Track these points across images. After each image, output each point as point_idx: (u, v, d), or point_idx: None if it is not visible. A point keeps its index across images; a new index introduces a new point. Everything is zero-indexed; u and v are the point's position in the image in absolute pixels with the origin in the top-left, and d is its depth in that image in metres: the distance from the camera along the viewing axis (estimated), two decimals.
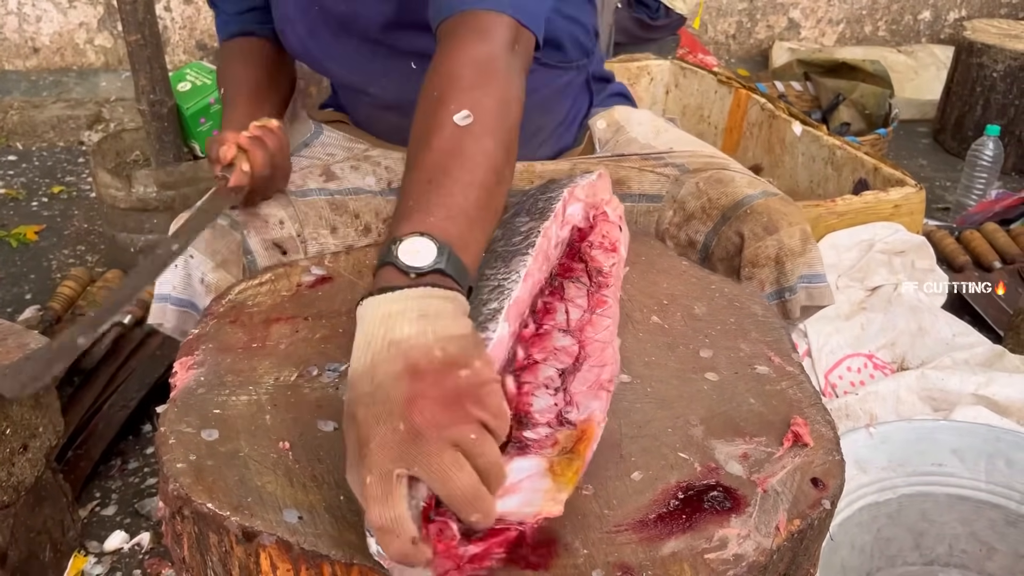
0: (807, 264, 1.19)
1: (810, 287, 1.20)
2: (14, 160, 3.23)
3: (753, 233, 1.18)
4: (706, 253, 1.23)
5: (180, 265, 1.16)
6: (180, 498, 0.77)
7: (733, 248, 1.21)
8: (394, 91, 1.27)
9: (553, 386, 0.83)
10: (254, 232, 1.19)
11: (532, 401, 0.81)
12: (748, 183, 1.25)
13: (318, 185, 1.28)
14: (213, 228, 1.16)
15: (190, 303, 1.17)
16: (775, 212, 1.19)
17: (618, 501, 0.78)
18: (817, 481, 0.81)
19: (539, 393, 0.82)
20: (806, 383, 0.96)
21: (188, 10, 3.84)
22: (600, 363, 0.87)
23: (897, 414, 1.55)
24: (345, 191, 1.30)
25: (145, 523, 1.59)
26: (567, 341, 0.89)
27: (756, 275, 1.20)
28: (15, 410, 1.27)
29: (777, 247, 1.18)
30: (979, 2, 4.53)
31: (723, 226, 1.21)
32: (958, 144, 3.53)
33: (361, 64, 1.26)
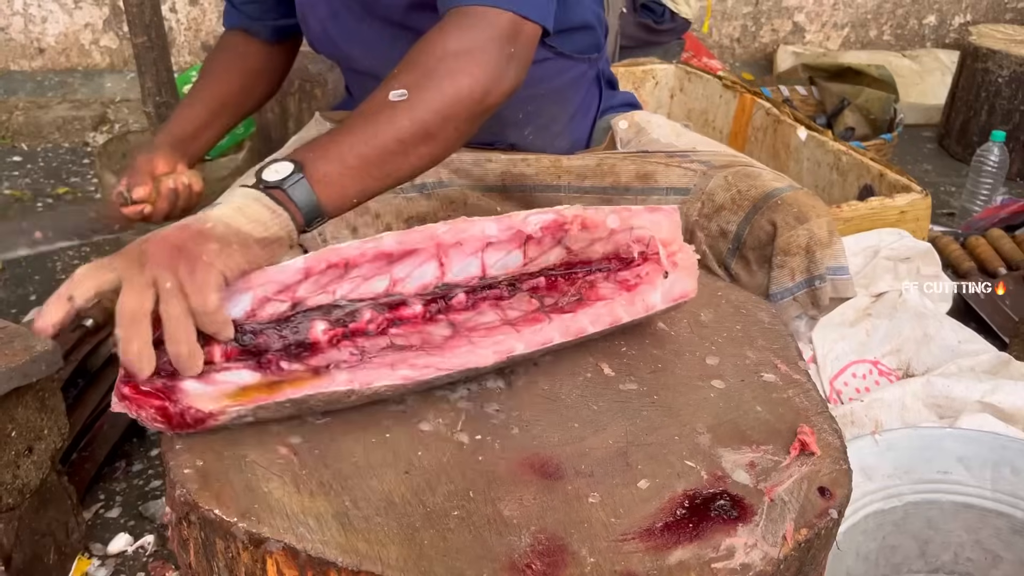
0: (833, 256, 1.23)
1: (835, 279, 1.24)
2: (19, 161, 3.24)
3: (785, 222, 1.21)
4: (738, 243, 1.26)
5: None
6: (187, 503, 0.77)
7: (766, 237, 1.24)
8: (376, 63, 1.27)
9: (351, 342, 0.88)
10: None
11: (313, 334, 0.87)
12: (774, 177, 1.29)
13: None
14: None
15: None
16: (804, 204, 1.23)
17: (625, 509, 0.78)
18: (824, 490, 0.81)
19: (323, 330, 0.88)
20: (813, 391, 0.96)
21: (193, 11, 3.85)
22: (426, 356, 0.88)
23: (902, 421, 1.54)
24: None
25: (149, 525, 1.59)
26: (444, 330, 0.92)
27: (788, 263, 1.23)
28: (20, 412, 1.27)
29: (808, 236, 1.21)
30: (985, 7, 4.52)
31: (755, 215, 1.24)
32: (963, 149, 3.53)
33: (382, 48, 1.26)
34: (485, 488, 0.80)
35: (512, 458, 0.84)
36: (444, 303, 0.94)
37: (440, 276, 0.94)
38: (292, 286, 0.87)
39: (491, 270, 0.96)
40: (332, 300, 0.89)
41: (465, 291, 0.95)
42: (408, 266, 0.92)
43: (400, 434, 0.86)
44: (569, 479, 0.81)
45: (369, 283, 0.90)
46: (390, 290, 0.91)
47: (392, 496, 0.78)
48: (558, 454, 0.84)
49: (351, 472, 0.80)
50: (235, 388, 0.82)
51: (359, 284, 0.90)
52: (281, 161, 0.92)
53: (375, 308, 0.90)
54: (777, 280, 1.23)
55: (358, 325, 0.90)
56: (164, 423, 0.81)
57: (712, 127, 2.71)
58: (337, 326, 0.89)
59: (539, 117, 1.38)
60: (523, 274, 0.98)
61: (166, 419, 0.80)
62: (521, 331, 0.92)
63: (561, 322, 0.94)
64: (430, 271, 0.93)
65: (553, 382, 0.95)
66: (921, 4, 4.47)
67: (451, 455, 0.83)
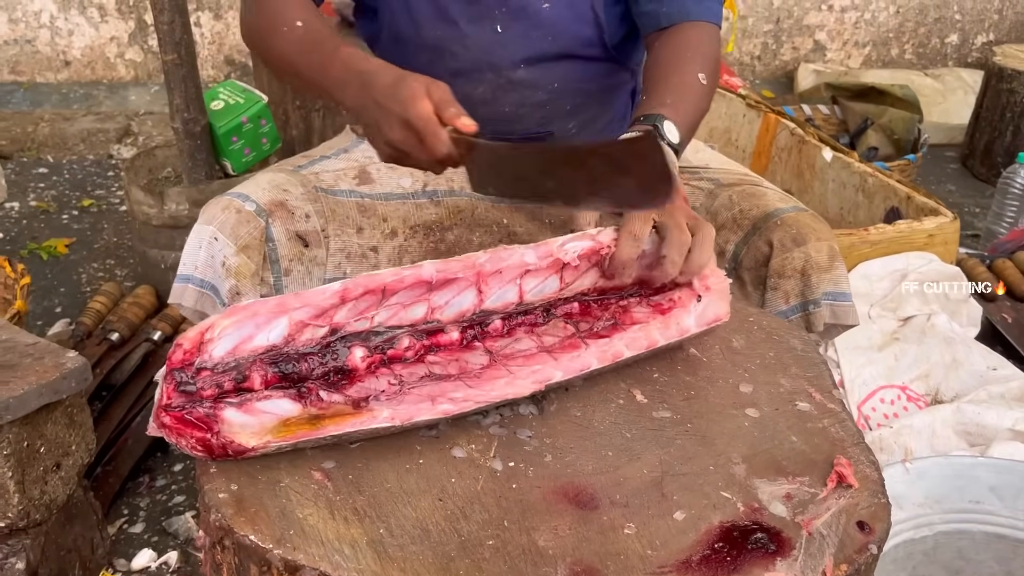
0: (832, 281, 1.21)
1: (834, 304, 1.22)
2: (45, 173, 3.27)
3: (781, 244, 1.20)
4: (735, 263, 1.25)
5: (204, 247, 1.17)
6: (222, 528, 0.77)
7: (762, 257, 1.23)
8: (476, 52, 1.29)
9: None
10: (279, 221, 1.20)
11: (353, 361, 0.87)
12: (780, 198, 1.28)
13: (349, 187, 1.30)
14: (239, 213, 1.17)
15: (211, 285, 1.19)
16: (804, 226, 1.21)
17: (661, 541, 0.77)
18: (863, 524, 0.80)
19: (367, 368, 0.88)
20: (848, 421, 0.95)
21: (218, 26, 3.88)
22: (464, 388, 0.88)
23: (932, 448, 1.53)
24: (376, 195, 1.31)
25: (172, 541, 1.59)
26: (481, 358, 0.92)
27: (781, 286, 1.21)
28: (50, 428, 1.28)
29: (804, 259, 1.19)
30: (1008, 26, 4.50)
31: (753, 236, 1.24)
32: (987, 170, 3.50)
33: (449, 19, 1.27)
34: (520, 517, 0.79)
35: (546, 486, 0.83)
36: (480, 329, 0.94)
37: (478, 303, 0.94)
38: (329, 311, 0.87)
39: (528, 296, 0.96)
40: (370, 327, 0.89)
41: (501, 317, 0.95)
42: (447, 294, 0.92)
43: (433, 460, 0.85)
44: (604, 509, 0.80)
45: (407, 310, 0.90)
46: (428, 317, 0.91)
47: (427, 524, 0.78)
48: (592, 483, 0.84)
49: (385, 499, 0.80)
50: (276, 421, 0.82)
51: (397, 311, 0.90)
52: (668, 121, 1.10)
53: (413, 335, 0.90)
54: (771, 302, 1.22)
55: (396, 352, 0.90)
56: (204, 453, 0.81)
57: (735, 146, 2.71)
58: (375, 353, 0.89)
59: (585, 112, 1.41)
60: (558, 299, 0.98)
61: (207, 450, 0.81)
62: (559, 358, 0.92)
63: (597, 347, 0.94)
64: (469, 299, 0.93)
65: (585, 408, 0.94)
66: (943, 23, 4.45)
67: (485, 482, 0.83)
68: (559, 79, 1.32)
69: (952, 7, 4.43)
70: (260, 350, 0.84)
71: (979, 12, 4.46)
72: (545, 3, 1.27)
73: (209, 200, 1.23)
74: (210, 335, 0.82)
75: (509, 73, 1.30)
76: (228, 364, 0.82)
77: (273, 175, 1.26)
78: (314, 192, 1.26)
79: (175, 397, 0.81)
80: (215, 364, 0.82)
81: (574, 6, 1.28)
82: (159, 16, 1.97)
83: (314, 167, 1.31)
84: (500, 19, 1.27)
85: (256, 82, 2.76)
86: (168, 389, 0.80)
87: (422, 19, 1.29)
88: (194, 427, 0.80)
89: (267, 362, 0.84)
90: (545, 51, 1.30)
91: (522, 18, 1.27)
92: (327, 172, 1.30)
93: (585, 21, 1.30)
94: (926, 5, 4.40)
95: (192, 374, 0.81)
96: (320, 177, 1.29)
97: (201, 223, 1.19)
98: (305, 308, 0.86)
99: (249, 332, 0.84)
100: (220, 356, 0.82)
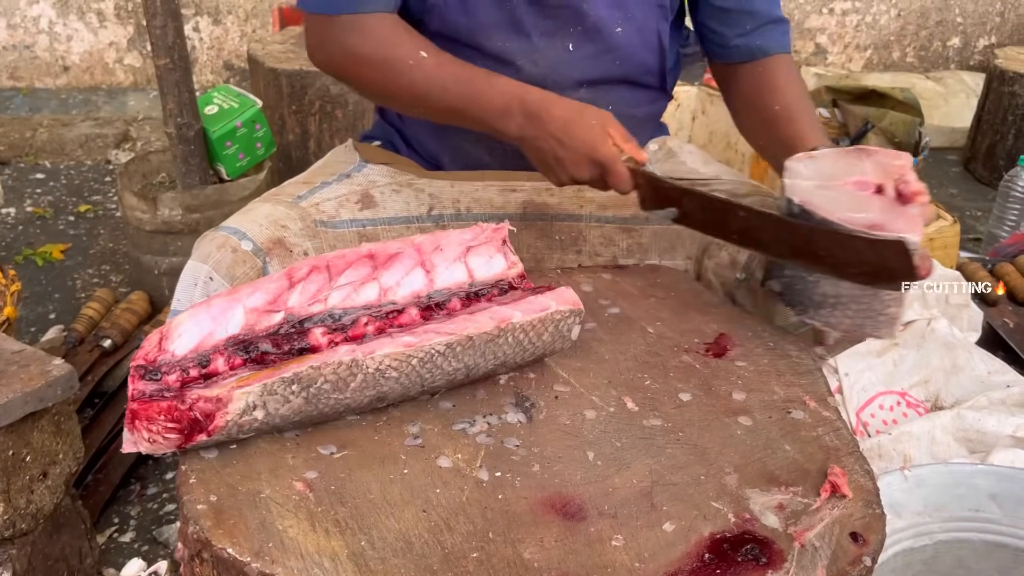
0: None
1: None
2: (42, 178, 3.26)
3: None
4: (748, 271, 1.23)
5: (199, 286, 1.14)
6: (200, 541, 0.75)
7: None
8: (544, 68, 1.26)
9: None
10: (276, 260, 1.18)
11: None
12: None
13: (351, 216, 1.27)
14: (236, 252, 1.15)
15: None
16: None
17: (649, 554, 0.75)
18: (857, 536, 0.78)
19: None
20: (843, 429, 0.93)
21: (216, 31, 3.87)
22: (425, 325, 0.92)
23: (932, 455, 1.51)
24: (380, 221, 1.28)
25: (163, 551, 1.58)
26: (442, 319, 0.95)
27: None
28: (36, 437, 1.26)
29: None
30: (1009, 29, 4.48)
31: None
32: (989, 173, 3.48)
33: (523, 31, 1.24)
34: (505, 529, 0.77)
35: (533, 497, 0.81)
36: (439, 310, 0.96)
37: (429, 284, 0.96)
38: (281, 295, 0.88)
39: (477, 275, 0.99)
40: (325, 308, 0.90)
41: (458, 296, 0.97)
42: (395, 273, 0.94)
43: (418, 470, 0.84)
44: (592, 520, 0.79)
45: (359, 292, 0.92)
46: (381, 299, 0.93)
47: (409, 536, 0.76)
48: (581, 493, 0.82)
49: (368, 510, 0.78)
50: (239, 378, 0.82)
51: (349, 293, 0.91)
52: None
53: (372, 315, 0.92)
54: (781, 314, 1.20)
55: (356, 331, 0.91)
56: (175, 429, 0.80)
57: (735, 150, 2.69)
58: (336, 332, 0.90)
59: (635, 135, 1.40)
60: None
61: (176, 422, 0.79)
62: (517, 303, 0.94)
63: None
64: (418, 279, 0.95)
65: (575, 416, 0.93)
66: (945, 26, 4.43)
67: (470, 493, 0.81)
68: (613, 103, 1.30)
69: (954, 10, 4.41)
70: (221, 343, 0.86)
71: (981, 15, 4.44)
72: (618, 27, 1.26)
73: (205, 231, 1.20)
74: (169, 332, 0.84)
75: (569, 92, 1.26)
76: (191, 358, 0.84)
77: (272, 208, 1.22)
78: (313, 227, 1.22)
79: (141, 386, 0.82)
80: (179, 360, 0.84)
81: (643, 32, 1.29)
82: (151, 20, 1.96)
83: (314, 197, 1.27)
84: (573, 37, 1.26)
85: (252, 87, 2.75)
86: (133, 380, 0.82)
87: (488, 27, 1.24)
88: (161, 400, 0.80)
89: (230, 349, 0.86)
90: (609, 74, 1.30)
91: (596, 39, 1.26)
92: (328, 201, 1.27)
93: (651, 48, 1.31)
94: (927, 8, 4.38)
95: (155, 367, 0.82)
96: (320, 208, 1.25)
97: (196, 260, 1.16)
98: (257, 294, 0.87)
99: (208, 328, 0.85)
100: (183, 353, 0.84)
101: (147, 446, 0.81)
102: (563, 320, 0.95)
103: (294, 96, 2.59)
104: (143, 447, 0.81)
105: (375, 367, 0.85)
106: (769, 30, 1.31)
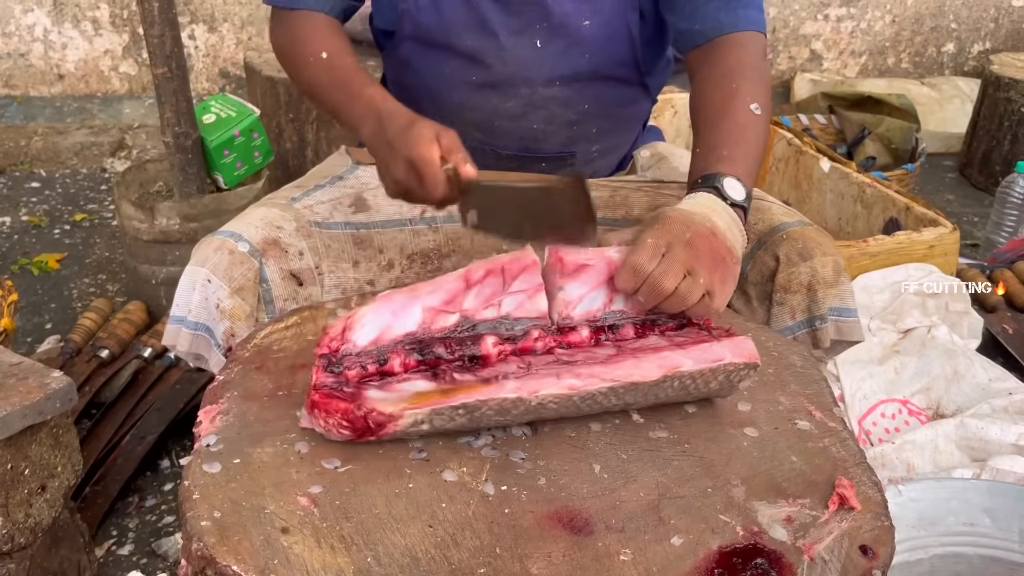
0: (838, 297, 1.19)
1: (839, 320, 1.20)
2: (37, 187, 3.25)
3: (788, 258, 1.18)
4: (741, 277, 1.22)
5: (198, 288, 1.14)
6: (203, 558, 0.74)
7: (768, 272, 1.21)
8: (513, 66, 1.27)
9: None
10: (272, 260, 1.18)
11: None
12: (785, 212, 1.26)
13: (344, 218, 1.27)
14: (232, 254, 1.15)
15: (205, 327, 1.16)
16: (810, 240, 1.19)
17: (658, 568, 0.75)
18: (866, 549, 0.78)
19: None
20: (849, 440, 0.92)
21: (212, 38, 3.87)
22: (589, 367, 0.91)
23: (935, 464, 1.50)
24: (372, 224, 1.28)
25: (162, 564, 1.57)
26: (610, 350, 0.95)
27: (788, 301, 1.19)
28: (34, 450, 1.25)
29: (810, 275, 1.18)
30: (1004, 35, 4.50)
31: (759, 250, 1.22)
32: (985, 179, 3.49)
33: (489, 29, 1.25)
34: (512, 544, 0.77)
35: (540, 511, 0.80)
36: (612, 333, 0.96)
37: (607, 303, 0.96)
38: (457, 296, 0.92)
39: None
40: (499, 315, 0.93)
41: (633, 322, 0.96)
42: (578, 287, 0.96)
43: (423, 484, 0.83)
44: (599, 534, 0.78)
45: (532, 301, 0.94)
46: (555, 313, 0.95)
47: (416, 551, 0.75)
48: (587, 507, 0.81)
49: (373, 525, 0.78)
50: (413, 394, 0.86)
51: (523, 301, 0.93)
52: (729, 178, 1.08)
53: (543, 328, 0.94)
54: (777, 318, 1.20)
55: (526, 343, 0.92)
56: (349, 428, 0.85)
57: None
58: (506, 342, 0.92)
59: (610, 138, 1.41)
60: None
61: (351, 423, 0.85)
62: (688, 350, 0.91)
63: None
64: (599, 299, 0.96)
65: (580, 429, 0.92)
66: (940, 32, 4.44)
67: (476, 507, 0.81)
68: (590, 100, 1.31)
69: (948, 16, 4.42)
70: (399, 338, 0.91)
71: (975, 21, 4.46)
72: (586, 20, 1.26)
73: (202, 238, 1.20)
74: (352, 324, 0.90)
75: (543, 90, 1.29)
76: (370, 352, 0.89)
77: (266, 210, 1.23)
78: (307, 227, 1.23)
79: (323, 377, 0.87)
80: (359, 352, 0.89)
81: (611, 24, 1.27)
82: (149, 29, 1.96)
83: (308, 199, 1.28)
84: (540, 34, 1.26)
85: (249, 95, 2.75)
86: (317, 371, 0.88)
87: (457, 26, 1.26)
88: (339, 400, 0.85)
89: (406, 348, 0.90)
90: (581, 69, 1.29)
91: (562, 35, 1.26)
92: (321, 204, 1.28)
93: (620, 40, 1.29)
94: (922, 14, 4.39)
95: (338, 359, 0.88)
96: (314, 210, 1.26)
97: (194, 264, 1.16)
98: (435, 293, 0.92)
99: (387, 321, 0.91)
100: (363, 345, 0.89)
101: (321, 430, 0.87)
102: (735, 372, 0.92)
103: (291, 104, 2.59)
104: (318, 429, 0.87)
105: (537, 403, 0.87)
106: (708, 8, 1.21)
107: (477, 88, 1.30)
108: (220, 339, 1.15)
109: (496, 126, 1.32)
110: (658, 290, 0.94)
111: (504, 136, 1.33)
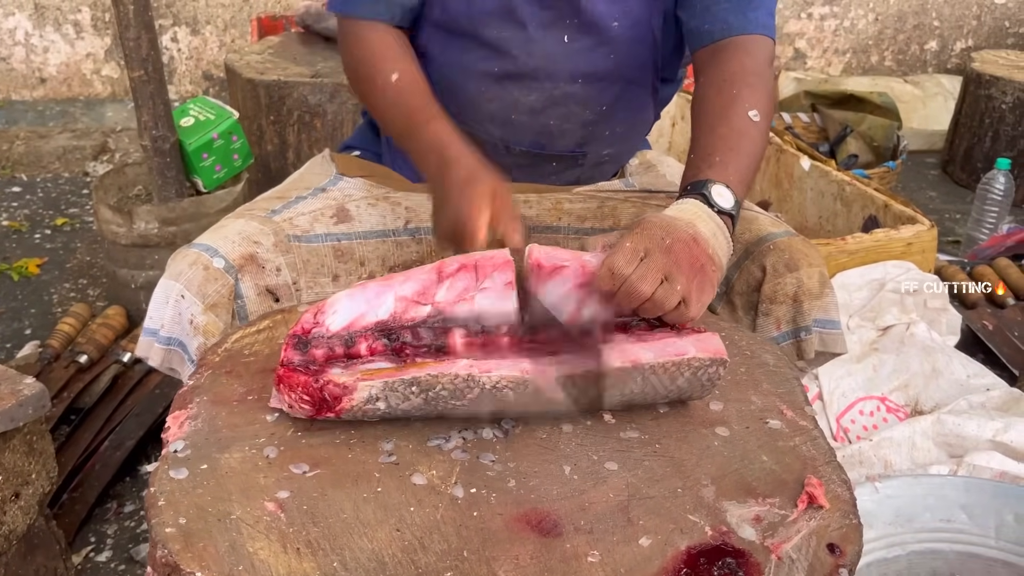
0: (823, 308, 1.19)
1: (823, 332, 1.20)
2: (18, 192, 3.23)
3: (774, 269, 1.19)
4: (727, 287, 1.23)
5: (171, 304, 1.13)
6: (168, 565, 0.74)
7: (754, 282, 1.21)
8: (539, 59, 1.26)
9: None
10: (248, 277, 1.17)
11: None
12: (771, 222, 1.26)
13: (326, 230, 1.26)
14: (207, 270, 1.14)
15: (178, 342, 1.15)
16: (796, 251, 1.20)
17: (626, 570, 0.74)
18: (834, 547, 0.78)
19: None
20: (820, 439, 0.93)
21: (195, 41, 3.86)
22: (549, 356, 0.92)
23: (912, 461, 1.51)
24: (354, 235, 1.27)
25: (140, 570, 1.56)
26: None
27: (773, 312, 1.20)
28: (7, 457, 1.24)
29: (796, 285, 1.18)
30: (986, 32, 4.52)
31: (745, 260, 1.22)
32: (967, 176, 3.51)
33: (518, 20, 1.24)
34: (480, 547, 0.76)
35: (508, 513, 0.80)
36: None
37: (582, 305, 0.96)
38: (429, 288, 0.94)
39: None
40: (472, 312, 0.93)
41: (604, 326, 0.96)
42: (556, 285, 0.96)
43: (392, 488, 0.83)
44: (568, 536, 0.78)
45: (506, 298, 0.94)
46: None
47: (383, 556, 0.75)
48: (556, 509, 0.81)
49: (340, 530, 0.77)
50: (369, 369, 0.89)
51: (494, 300, 0.94)
52: (718, 185, 1.06)
53: (511, 327, 0.94)
54: (762, 328, 1.20)
55: (492, 340, 0.93)
56: (309, 403, 0.87)
57: None
58: (475, 337, 0.93)
59: (622, 142, 1.40)
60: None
61: (310, 397, 0.87)
62: (649, 343, 0.91)
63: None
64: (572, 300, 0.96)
65: (551, 430, 0.92)
66: (922, 29, 4.47)
67: (445, 510, 0.80)
68: (608, 102, 1.30)
69: (931, 14, 4.45)
70: (371, 325, 0.93)
71: (957, 18, 4.48)
72: (615, 21, 1.25)
73: (178, 247, 1.19)
74: (325, 308, 0.92)
75: (565, 86, 1.27)
76: (340, 335, 0.92)
77: (244, 224, 1.21)
78: (286, 242, 1.22)
79: (291, 355, 0.90)
80: (331, 336, 0.92)
81: (638, 26, 1.27)
82: (124, 32, 1.95)
83: (288, 211, 1.26)
84: (570, 29, 1.25)
85: (230, 97, 2.74)
86: (286, 348, 0.90)
87: (485, 15, 1.25)
88: (301, 373, 0.88)
89: (374, 334, 0.92)
90: (605, 69, 1.28)
91: (591, 32, 1.25)
92: (302, 216, 1.26)
93: (645, 43, 1.28)
94: (905, 12, 4.41)
95: (308, 339, 0.91)
96: (294, 223, 1.24)
97: (168, 278, 1.15)
98: (408, 283, 0.94)
99: (361, 309, 0.93)
100: (335, 330, 0.92)
101: (287, 408, 0.89)
102: (702, 368, 0.91)
103: (272, 106, 2.58)
104: (284, 407, 0.90)
105: (491, 385, 0.87)
106: (719, 8, 1.20)
107: (497, 80, 1.28)
108: (194, 354, 1.14)
109: (512, 120, 1.31)
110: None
111: (519, 131, 1.32)
